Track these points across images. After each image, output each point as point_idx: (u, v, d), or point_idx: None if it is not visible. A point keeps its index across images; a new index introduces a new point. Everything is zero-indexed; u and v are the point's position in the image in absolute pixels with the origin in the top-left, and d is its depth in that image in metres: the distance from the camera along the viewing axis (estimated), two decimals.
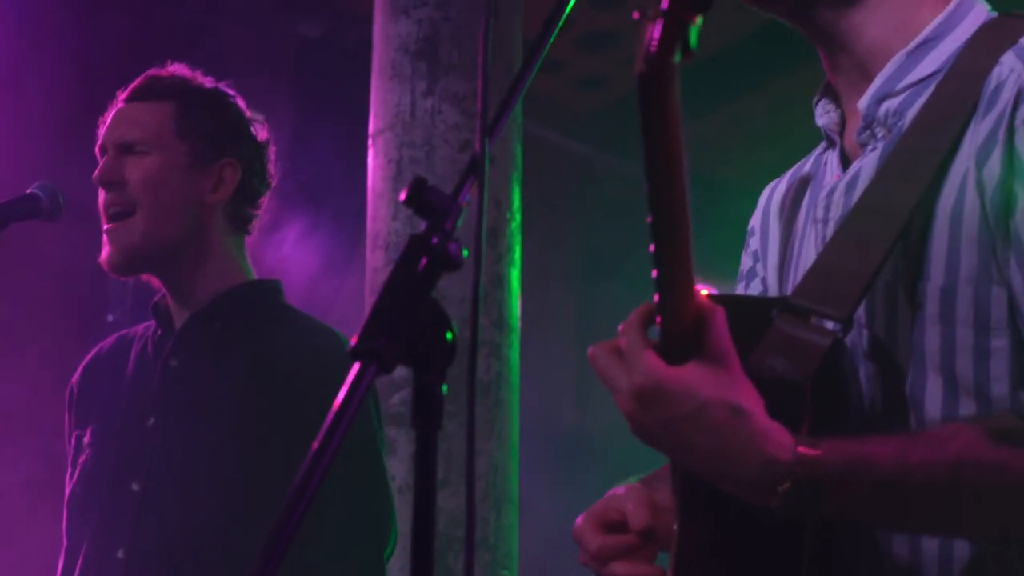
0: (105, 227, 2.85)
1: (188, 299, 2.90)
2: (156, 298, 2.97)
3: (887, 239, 1.61)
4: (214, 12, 6.91)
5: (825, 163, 1.89)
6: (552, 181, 8.19)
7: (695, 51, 1.28)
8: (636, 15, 1.30)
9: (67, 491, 2.89)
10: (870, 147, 1.76)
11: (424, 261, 1.35)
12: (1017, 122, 1.59)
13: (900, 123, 1.72)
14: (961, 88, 1.66)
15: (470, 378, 1.41)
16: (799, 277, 1.76)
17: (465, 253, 1.40)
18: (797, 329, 1.59)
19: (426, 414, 1.32)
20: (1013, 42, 1.65)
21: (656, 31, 1.27)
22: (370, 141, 4.74)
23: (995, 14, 1.76)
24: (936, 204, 1.62)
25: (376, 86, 4.79)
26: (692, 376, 1.44)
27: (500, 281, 4.51)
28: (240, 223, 2.97)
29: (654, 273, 1.42)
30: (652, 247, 1.40)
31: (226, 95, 3.01)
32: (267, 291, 2.98)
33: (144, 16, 6.62)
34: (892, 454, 1.47)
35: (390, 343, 1.29)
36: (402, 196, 1.39)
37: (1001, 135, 1.59)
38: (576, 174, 8.83)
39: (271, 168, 3.02)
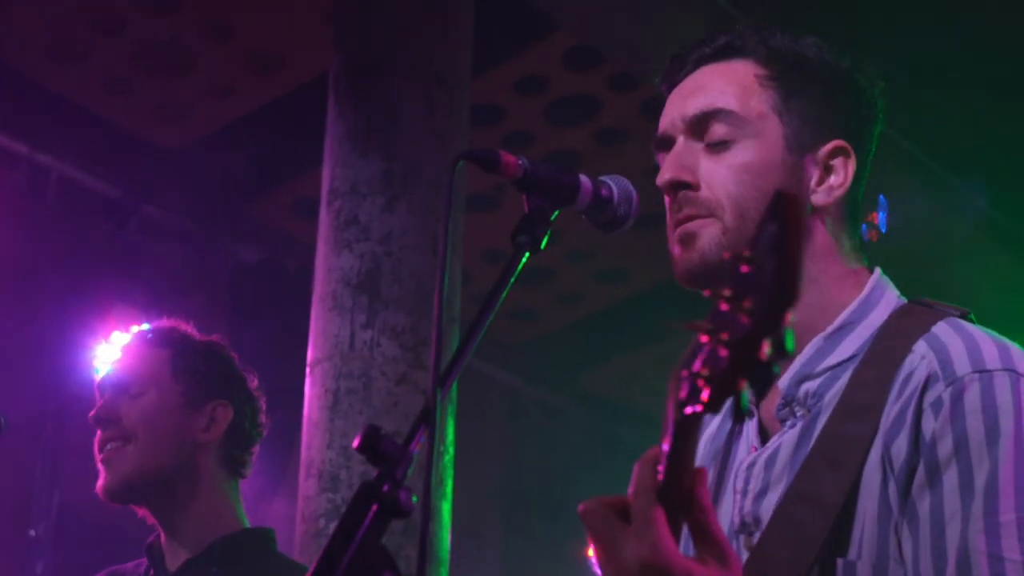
0: (100, 456, 2.95)
1: (182, 540, 2.97)
2: (151, 538, 3.03)
3: (821, 532, 1.68)
4: (154, 232, 7.00)
5: (739, 432, 1.94)
6: (480, 412, 8.24)
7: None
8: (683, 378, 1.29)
9: None
10: (788, 423, 1.83)
11: (375, 508, 1.40)
12: (925, 404, 1.69)
13: (819, 404, 1.80)
14: (877, 375, 1.75)
15: None
16: None
17: (414, 499, 1.45)
18: None
19: None
20: (925, 330, 1.76)
21: (705, 394, 1.27)
22: (308, 370, 4.78)
23: (904, 300, 1.88)
24: (859, 490, 1.70)
25: (316, 316, 4.86)
26: None
27: (431, 514, 4.51)
28: (233, 467, 3.07)
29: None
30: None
31: (219, 345, 3.16)
32: (262, 539, 3.07)
33: (84, 234, 6.70)
34: None
35: None
36: (355, 443, 1.44)
37: (909, 416, 1.69)
38: (504, 405, 8.89)
39: (262, 417, 3.13)
